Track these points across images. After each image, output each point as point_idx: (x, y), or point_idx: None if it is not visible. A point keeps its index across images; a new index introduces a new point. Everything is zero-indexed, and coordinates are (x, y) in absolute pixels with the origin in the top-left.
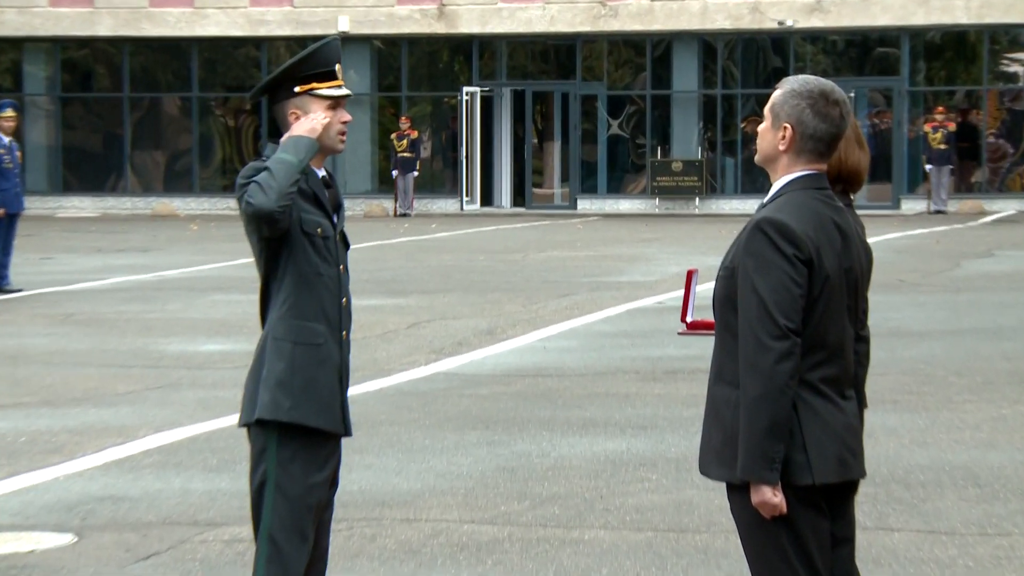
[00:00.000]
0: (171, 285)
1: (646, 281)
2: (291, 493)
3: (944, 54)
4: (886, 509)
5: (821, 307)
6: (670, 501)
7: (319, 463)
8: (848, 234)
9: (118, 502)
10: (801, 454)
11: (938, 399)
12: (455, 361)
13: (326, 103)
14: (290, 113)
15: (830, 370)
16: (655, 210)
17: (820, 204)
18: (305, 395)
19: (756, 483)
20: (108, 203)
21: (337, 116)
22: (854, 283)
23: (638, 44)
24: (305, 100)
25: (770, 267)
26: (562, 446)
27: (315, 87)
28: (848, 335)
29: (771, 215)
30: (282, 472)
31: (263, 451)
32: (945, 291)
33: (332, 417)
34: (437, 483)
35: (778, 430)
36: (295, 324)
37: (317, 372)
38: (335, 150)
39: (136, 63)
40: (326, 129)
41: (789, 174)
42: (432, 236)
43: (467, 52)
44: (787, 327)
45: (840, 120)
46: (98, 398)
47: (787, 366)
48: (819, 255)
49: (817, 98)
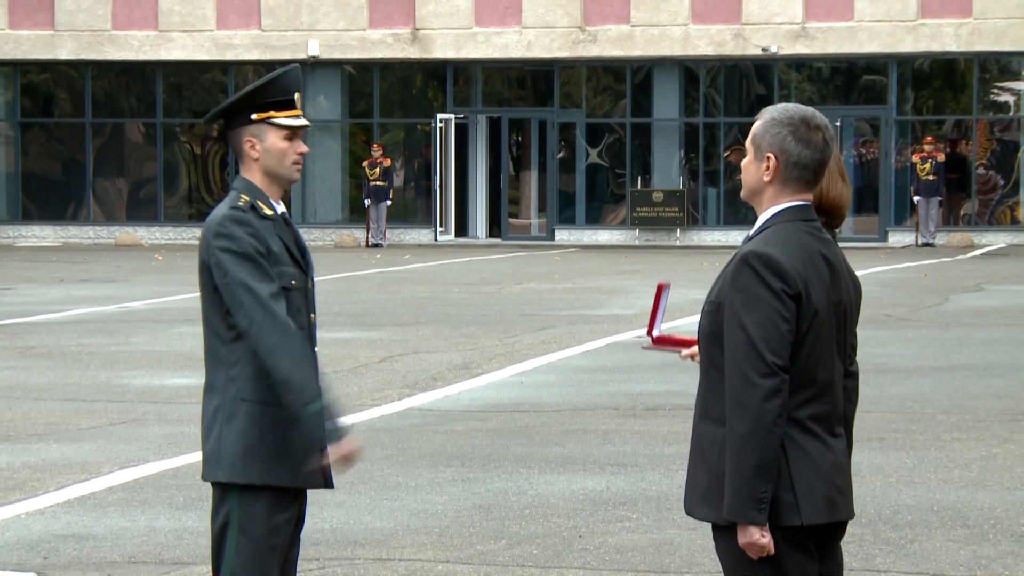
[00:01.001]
0: (136, 317)
1: (625, 315)
2: (254, 534)
3: (933, 82)
4: (873, 550)
5: (810, 343)
6: (651, 541)
7: (284, 502)
8: (836, 267)
9: (81, 541)
10: (789, 494)
11: (926, 437)
12: (429, 396)
13: (283, 132)
14: (245, 141)
15: (819, 407)
16: (635, 241)
17: (808, 236)
18: (277, 457)
19: (743, 524)
20: (70, 232)
21: (293, 147)
22: (843, 318)
23: (618, 70)
24: (262, 128)
25: (757, 302)
26: (540, 484)
27: (272, 115)
28: (837, 371)
29: (758, 248)
30: (244, 513)
31: (225, 491)
32: (934, 326)
33: (305, 472)
34: (411, 521)
35: (766, 469)
36: (264, 384)
37: (290, 431)
38: (291, 179)
39: (99, 87)
40: (281, 159)
41: (775, 206)
42: (405, 267)
43: (441, 77)
44: (775, 364)
45: (824, 145)
46: (60, 433)
47: (775, 404)
48: (807, 289)
49: (798, 124)
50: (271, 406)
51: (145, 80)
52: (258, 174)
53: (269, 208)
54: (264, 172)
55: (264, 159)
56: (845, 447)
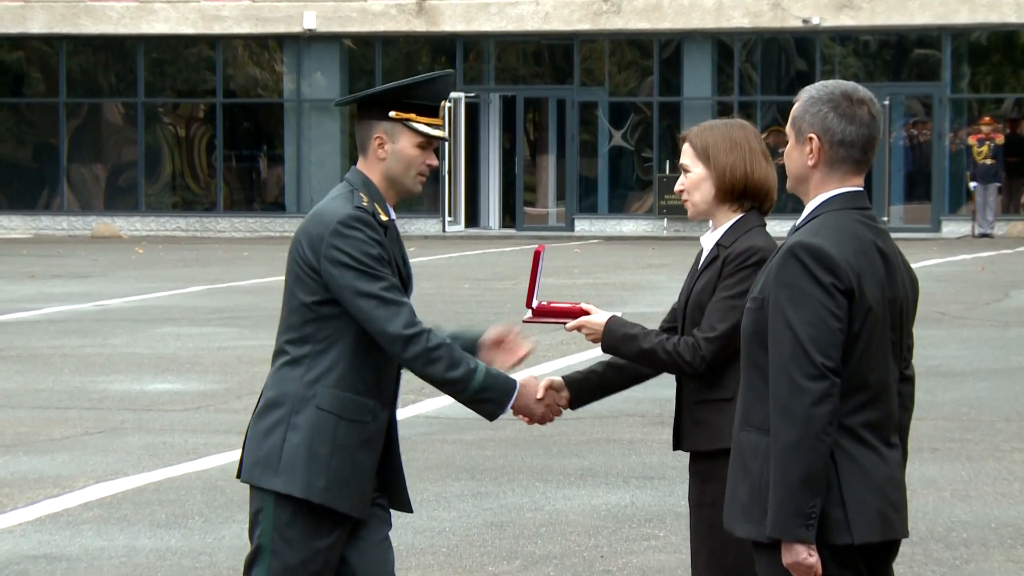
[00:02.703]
0: (114, 316)
1: (652, 312)
2: (290, 561)
3: (991, 57)
4: (924, 571)
5: (863, 343)
6: (679, 562)
7: (327, 526)
8: (892, 260)
9: (54, 562)
10: (839, 510)
11: (984, 447)
12: (436, 403)
13: (418, 139)
14: (375, 137)
15: (873, 414)
16: (663, 232)
17: (861, 226)
18: (342, 477)
19: (789, 541)
20: (42, 223)
21: (424, 157)
22: (898, 315)
23: (644, 44)
24: (397, 128)
25: (805, 298)
26: (557, 499)
27: (413, 119)
28: (892, 374)
29: (806, 239)
30: (278, 537)
31: (258, 512)
32: (992, 325)
33: (364, 503)
34: (416, 540)
35: (814, 482)
36: (344, 397)
37: (358, 453)
38: (412, 192)
39: (74, 64)
40: (408, 167)
41: (823, 193)
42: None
43: (450, 53)
44: (825, 366)
45: (871, 120)
46: (31, 444)
47: (825, 410)
48: (860, 284)
49: (840, 100)
50: (349, 421)
51: (125, 56)
52: (378, 174)
53: (385, 214)
54: (386, 175)
55: (390, 161)
56: (900, 458)
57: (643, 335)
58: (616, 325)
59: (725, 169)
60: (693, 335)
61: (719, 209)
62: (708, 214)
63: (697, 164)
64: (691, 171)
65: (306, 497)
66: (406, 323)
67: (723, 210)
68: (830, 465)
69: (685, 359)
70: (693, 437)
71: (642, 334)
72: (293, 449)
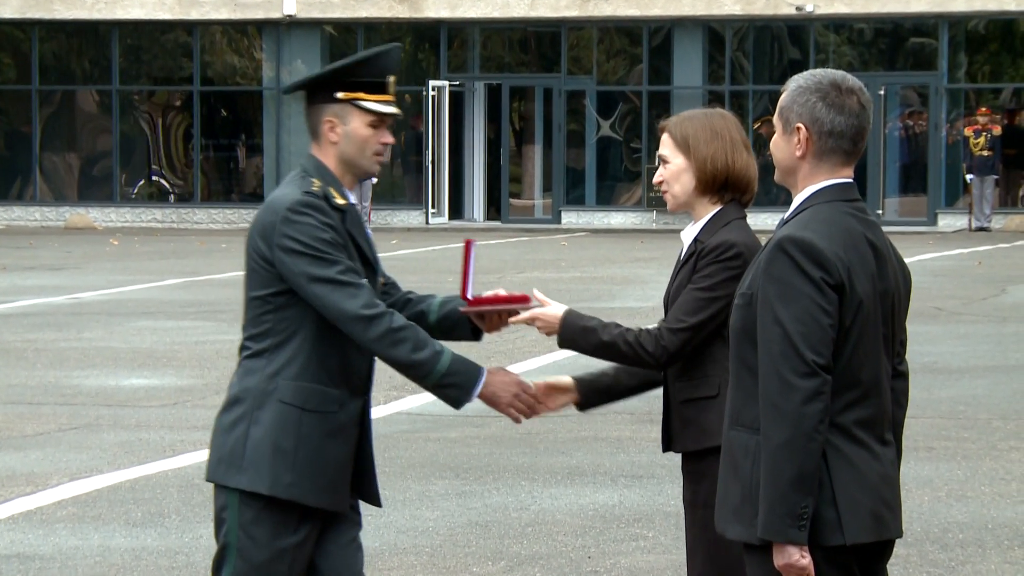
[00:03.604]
0: (88, 309)
1: (641, 307)
2: (255, 559)
3: (989, 46)
4: (919, 573)
5: (854, 339)
6: (669, 562)
7: (291, 524)
8: (883, 253)
9: (27, 561)
10: (831, 509)
11: (980, 446)
12: (420, 399)
13: (369, 118)
14: (325, 120)
15: (865, 411)
16: (652, 225)
17: (850, 219)
18: (309, 471)
19: (780, 543)
20: (14, 213)
21: (378, 135)
22: (890, 310)
23: (633, 32)
24: (347, 110)
25: (795, 294)
26: (544, 498)
27: (361, 97)
28: (885, 370)
29: (795, 233)
30: (244, 536)
31: (223, 509)
32: (989, 321)
33: (337, 495)
34: (399, 540)
35: (806, 482)
36: (307, 388)
37: (326, 444)
38: (370, 172)
39: (46, 50)
40: (362, 148)
41: (812, 184)
42: (392, 254)
43: (434, 40)
44: (815, 363)
45: (860, 110)
46: (3, 441)
47: (816, 407)
48: (851, 278)
49: (828, 89)
50: (313, 412)
51: (99, 42)
52: (333, 158)
53: (342, 197)
54: (340, 158)
55: (343, 144)
56: (894, 456)
57: (602, 327)
58: (573, 318)
59: (706, 160)
60: (658, 326)
61: (699, 201)
62: (688, 206)
63: (677, 155)
64: (670, 162)
65: (272, 494)
66: (365, 303)
67: (703, 202)
68: (822, 464)
69: (647, 350)
70: (682, 437)
71: (600, 326)
72: (256, 444)
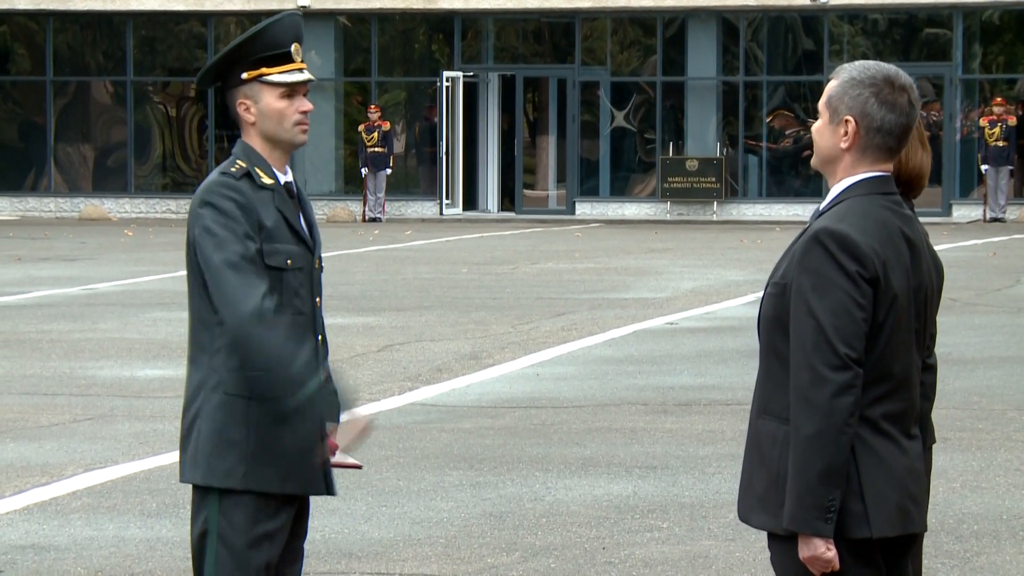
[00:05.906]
0: (103, 300)
1: (655, 298)
2: (236, 545)
3: (1003, 36)
4: (934, 564)
5: (887, 333)
6: (684, 553)
7: (269, 510)
8: (917, 247)
9: (42, 552)
10: (858, 503)
11: (995, 437)
12: (434, 390)
13: (279, 90)
14: (239, 103)
15: (894, 405)
16: (666, 216)
17: (887, 212)
18: (264, 459)
19: (806, 535)
20: (28, 204)
21: (294, 105)
22: (923, 304)
23: (647, 22)
24: (255, 88)
25: (829, 286)
26: (558, 489)
27: (264, 72)
28: (915, 364)
29: (831, 225)
30: (224, 522)
31: (204, 496)
32: (1004, 311)
33: (300, 479)
34: (413, 531)
35: (834, 474)
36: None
37: (280, 429)
38: (295, 143)
39: (61, 41)
40: (280, 121)
41: (851, 176)
42: (407, 244)
43: (448, 30)
44: (848, 356)
45: (910, 109)
46: (18, 431)
47: (846, 401)
48: (886, 272)
49: (882, 85)
50: (258, 401)
51: (113, 33)
52: (257, 139)
53: (268, 176)
54: (263, 137)
55: (261, 122)
56: (921, 450)
57: None
58: None
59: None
60: None
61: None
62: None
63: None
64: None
65: (226, 487)
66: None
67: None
68: (850, 457)
69: None
70: None
71: None
72: (206, 439)
